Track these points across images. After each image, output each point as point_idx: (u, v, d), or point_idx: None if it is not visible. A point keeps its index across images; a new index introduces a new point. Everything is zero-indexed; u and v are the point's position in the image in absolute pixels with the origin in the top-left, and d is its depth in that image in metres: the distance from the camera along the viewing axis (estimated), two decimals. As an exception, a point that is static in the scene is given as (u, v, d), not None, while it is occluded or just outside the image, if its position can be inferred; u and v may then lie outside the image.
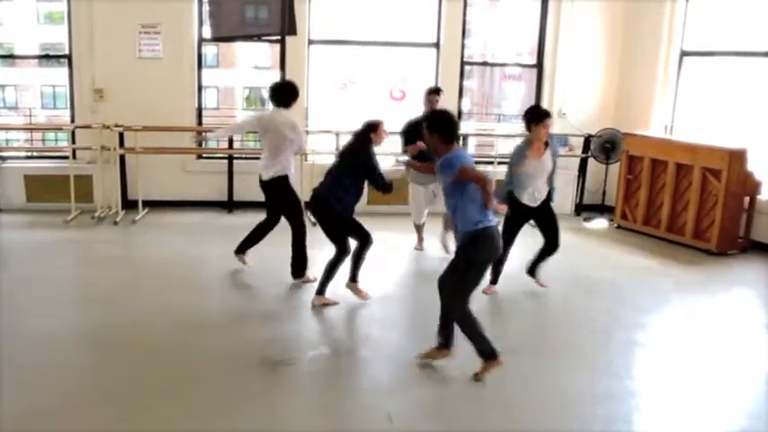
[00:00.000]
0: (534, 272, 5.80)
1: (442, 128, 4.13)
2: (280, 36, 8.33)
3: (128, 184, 8.30)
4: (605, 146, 8.56)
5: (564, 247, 5.75)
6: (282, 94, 5.76)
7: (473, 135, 10.17)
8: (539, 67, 9.11)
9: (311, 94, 8.71)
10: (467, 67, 9.25)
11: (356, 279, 5.43)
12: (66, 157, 8.09)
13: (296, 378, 4.23)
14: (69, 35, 8.19)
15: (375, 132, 5.28)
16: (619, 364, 4.58)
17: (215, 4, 8.14)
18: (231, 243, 6.16)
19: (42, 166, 8.45)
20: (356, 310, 5.34)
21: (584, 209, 8.93)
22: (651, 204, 8.02)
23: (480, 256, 4.08)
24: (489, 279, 5.68)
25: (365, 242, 5.31)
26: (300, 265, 5.83)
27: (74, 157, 8.05)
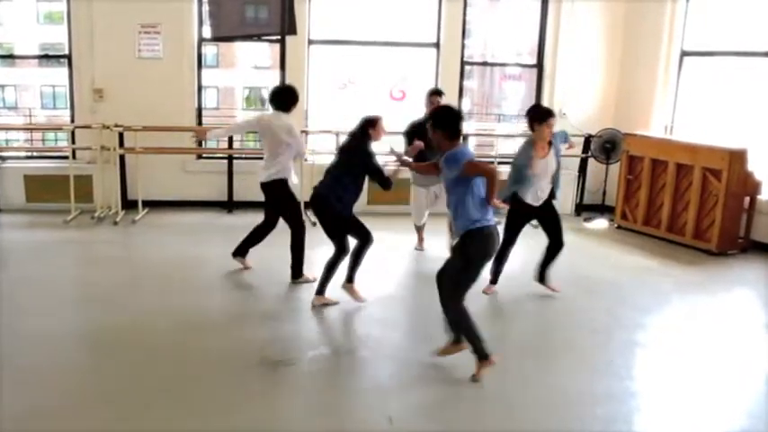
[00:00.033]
0: (544, 278, 5.72)
1: (446, 124, 4.10)
2: (280, 36, 8.32)
3: (127, 184, 8.30)
4: (605, 146, 8.56)
5: (564, 247, 5.75)
6: (282, 99, 5.76)
7: (473, 135, 10.16)
8: (539, 67, 9.10)
9: (311, 94, 8.71)
10: (467, 67, 9.25)
11: (353, 280, 5.39)
12: (66, 157, 8.09)
13: (296, 378, 4.23)
14: (69, 35, 8.19)
15: (373, 128, 5.22)
16: (619, 365, 4.58)
17: (215, 4, 8.14)
18: (231, 243, 6.16)
19: (42, 166, 8.45)
20: (356, 310, 5.33)
21: (584, 209, 8.93)
22: (651, 204, 8.02)
23: (479, 253, 4.08)
24: (489, 279, 5.68)
25: (365, 241, 5.28)
26: (299, 267, 5.83)
27: (74, 157, 8.05)
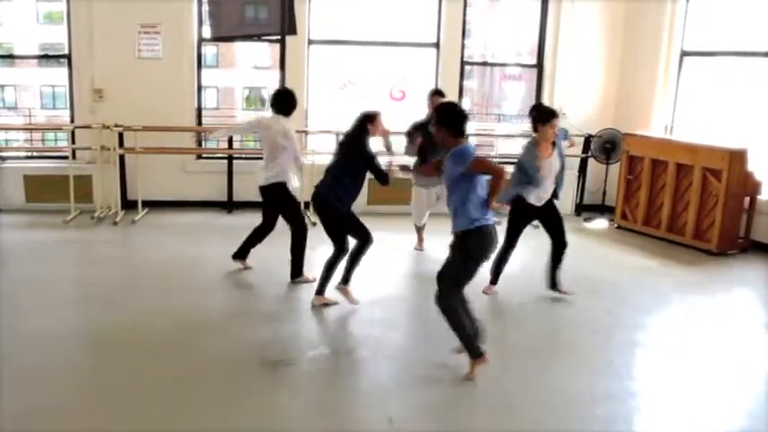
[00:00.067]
0: (555, 284, 5.64)
1: (451, 121, 4.07)
2: (280, 36, 8.33)
3: (127, 184, 8.30)
4: (605, 146, 8.56)
5: (567, 247, 5.70)
6: (281, 102, 5.77)
7: (473, 135, 10.15)
8: (539, 67, 9.10)
9: (311, 94, 8.71)
10: (467, 67, 9.25)
11: (348, 281, 5.35)
12: (66, 158, 8.09)
13: (296, 378, 4.23)
14: (69, 35, 8.19)
15: (372, 123, 5.17)
16: (619, 365, 4.58)
17: (215, 4, 8.14)
18: (231, 243, 6.16)
19: (42, 166, 8.44)
20: (356, 310, 5.33)
21: (584, 209, 8.93)
22: (651, 204, 8.02)
23: (478, 252, 4.08)
24: (489, 279, 5.68)
25: (365, 242, 5.26)
26: (298, 267, 5.83)
27: (73, 157, 8.05)
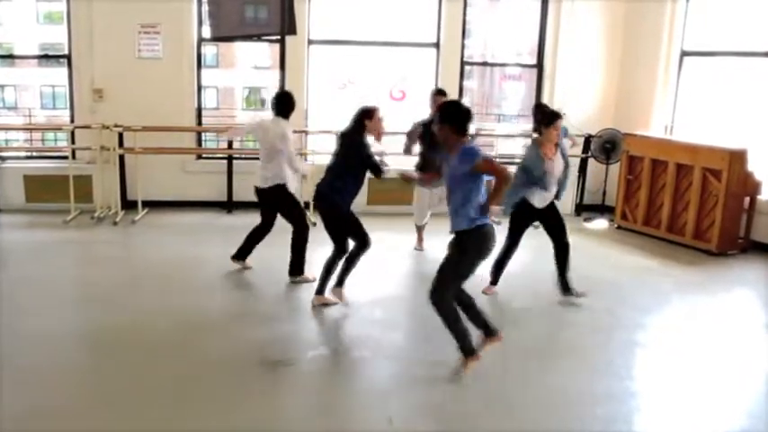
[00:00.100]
0: (568, 288, 5.58)
1: (455, 118, 4.03)
2: (279, 36, 8.33)
3: (127, 184, 8.30)
4: (605, 146, 8.55)
5: (569, 247, 5.66)
6: (282, 105, 5.79)
7: (472, 135, 10.16)
8: (539, 67, 9.10)
9: (311, 94, 8.70)
10: (467, 67, 9.25)
11: (343, 284, 5.31)
12: (66, 158, 8.09)
13: (296, 378, 4.23)
14: (69, 35, 8.19)
15: (370, 119, 5.09)
16: (619, 365, 4.58)
17: (214, 4, 8.13)
18: (231, 243, 6.16)
19: (42, 166, 8.44)
20: (356, 310, 5.33)
21: (584, 209, 8.93)
22: (651, 205, 8.02)
23: (476, 251, 4.08)
24: (490, 280, 5.68)
25: (363, 245, 5.21)
26: (298, 265, 5.83)
27: (73, 157, 8.05)
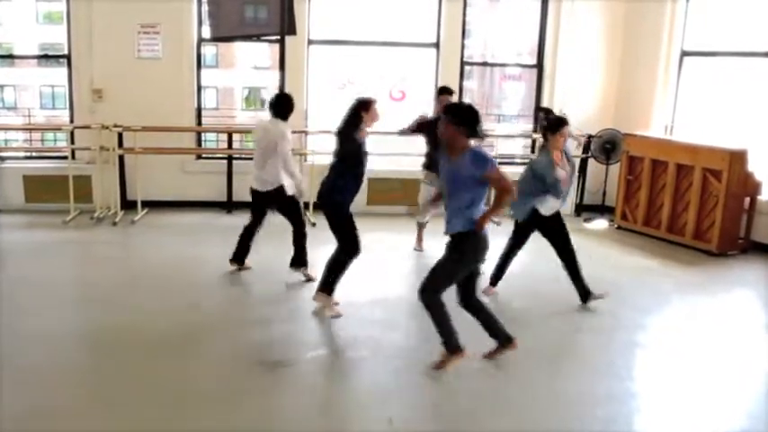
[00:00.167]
0: (587, 294, 5.51)
1: (469, 120, 4.00)
2: (279, 36, 8.32)
3: (127, 184, 8.29)
4: (605, 146, 8.55)
5: (575, 254, 5.58)
6: (280, 107, 5.79)
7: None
8: (539, 67, 9.10)
9: (311, 94, 8.69)
10: (467, 67, 9.24)
11: (332, 294, 5.18)
12: (65, 158, 8.08)
13: (296, 378, 4.23)
14: (68, 35, 8.18)
15: (367, 111, 4.93)
16: (619, 365, 4.58)
17: (214, 4, 8.13)
18: (230, 243, 6.15)
19: (41, 166, 8.44)
20: (356, 310, 5.32)
21: (584, 209, 8.92)
22: (651, 205, 8.02)
23: (472, 253, 4.10)
24: (490, 281, 5.68)
25: (353, 251, 5.08)
26: (301, 258, 5.90)
27: (73, 157, 8.05)
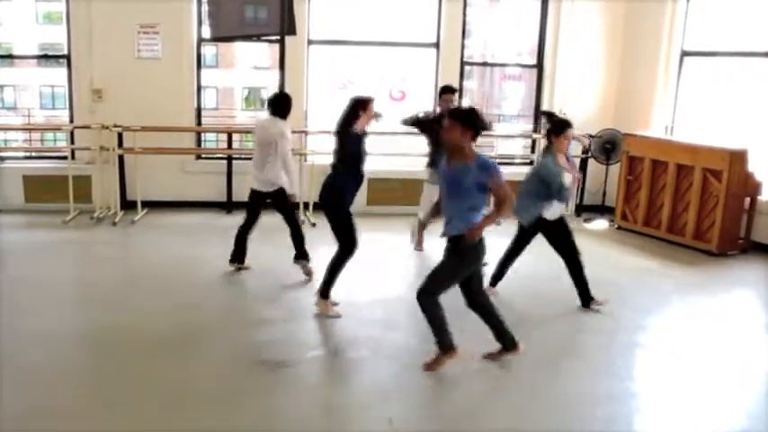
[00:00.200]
0: (589, 299, 5.49)
1: (477, 124, 3.99)
2: (279, 36, 8.31)
3: (126, 184, 8.29)
4: (605, 146, 8.54)
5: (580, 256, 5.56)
6: (278, 106, 5.82)
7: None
8: (539, 67, 9.10)
9: (311, 94, 8.69)
10: (467, 67, 9.25)
11: (328, 296, 5.15)
12: (65, 158, 8.08)
13: (296, 378, 4.22)
14: (68, 35, 8.18)
15: (364, 109, 4.85)
16: (619, 365, 4.58)
17: (214, 4, 8.12)
18: (230, 244, 6.14)
19: (41, 166, 8.43)
20: (356, 310, 5.32)
21: (584, 210, 8.92)
22: (651, 205, 8.02)
23: (472, 256, 4.12)
24: (490, 281, 5.67)
25: (349, 250, 5.03)
26: (302, 250, 5.95)
27: (72, 157, 8.05)
